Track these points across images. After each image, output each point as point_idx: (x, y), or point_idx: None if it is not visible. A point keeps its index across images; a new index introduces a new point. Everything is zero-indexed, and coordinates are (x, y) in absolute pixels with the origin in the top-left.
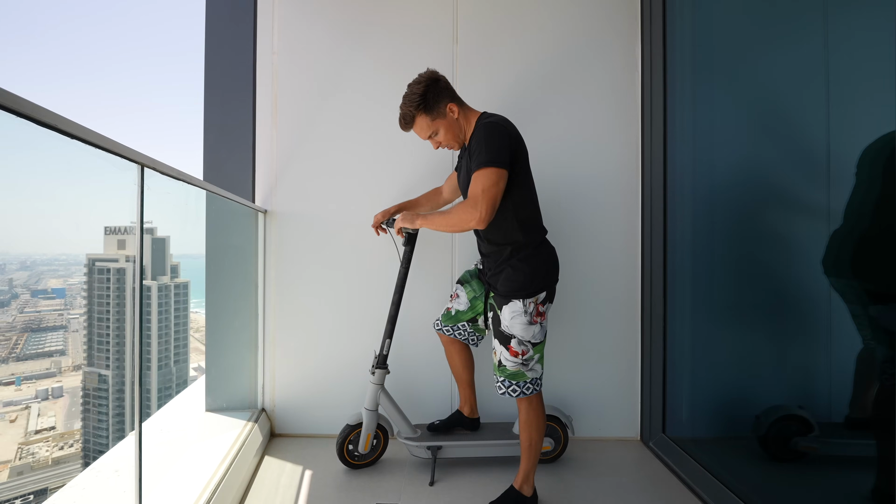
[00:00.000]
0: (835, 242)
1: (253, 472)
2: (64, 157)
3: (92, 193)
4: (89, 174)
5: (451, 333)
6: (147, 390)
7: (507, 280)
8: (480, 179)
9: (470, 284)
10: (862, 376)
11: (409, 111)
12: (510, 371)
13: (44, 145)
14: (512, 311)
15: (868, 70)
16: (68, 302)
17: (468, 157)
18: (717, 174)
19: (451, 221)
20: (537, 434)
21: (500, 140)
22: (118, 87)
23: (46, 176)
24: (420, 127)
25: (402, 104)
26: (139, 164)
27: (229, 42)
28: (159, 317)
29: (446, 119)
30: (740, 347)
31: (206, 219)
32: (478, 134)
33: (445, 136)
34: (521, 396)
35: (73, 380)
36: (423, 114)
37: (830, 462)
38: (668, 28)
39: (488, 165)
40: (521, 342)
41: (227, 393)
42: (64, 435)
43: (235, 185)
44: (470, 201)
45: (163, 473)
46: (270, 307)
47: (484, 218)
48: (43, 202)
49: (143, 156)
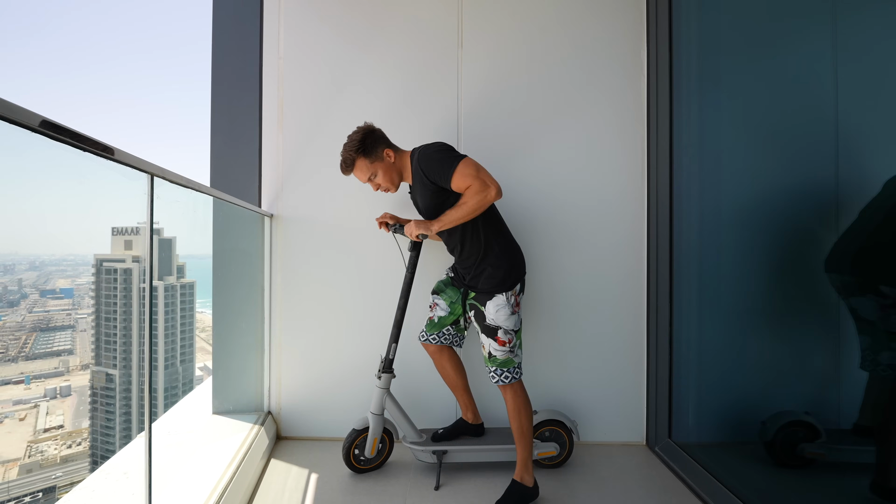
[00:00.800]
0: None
1: (260, 474)
2: (75, 167)
3: (101, 197)
4: (101, 182)
5: (438, 340)
6: (154, 390)
7: (489, 278)
8: (465, 172)
9: (445, 293)
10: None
11: (349, 155)
12: (500, 360)
13: (59, 158)
14: (496, 304)
15: (877, 73)
16: (76, 302)
17: (421, 183)
18: (725, 178)
19: (469, 208)
20: (527, 419)
21: (440, 150)
22: (125, 89)
23: (55, 180)
24: (360, 169)
25: (343, 151)
26: (149, 173)
27: (236, 47)
28: (166, 317)
29: (384, 162)
30: (747, 352)
31: (213, 223)
32: (422, 163)
33: (383, 178)
34: (512, 382)
35: (80, 379)
36: (362, 157)
37: (838, 469)
38: (674, 32)
39: (457, 162)
40: (507, 331)
41: (233, 396)
42: (72, 433)
43: (242, 189)
44: (477, 185)
45: (171, 476)
46: (277, 311)
47: (497, 187)
48: (54, 203)
49: (153, 165)
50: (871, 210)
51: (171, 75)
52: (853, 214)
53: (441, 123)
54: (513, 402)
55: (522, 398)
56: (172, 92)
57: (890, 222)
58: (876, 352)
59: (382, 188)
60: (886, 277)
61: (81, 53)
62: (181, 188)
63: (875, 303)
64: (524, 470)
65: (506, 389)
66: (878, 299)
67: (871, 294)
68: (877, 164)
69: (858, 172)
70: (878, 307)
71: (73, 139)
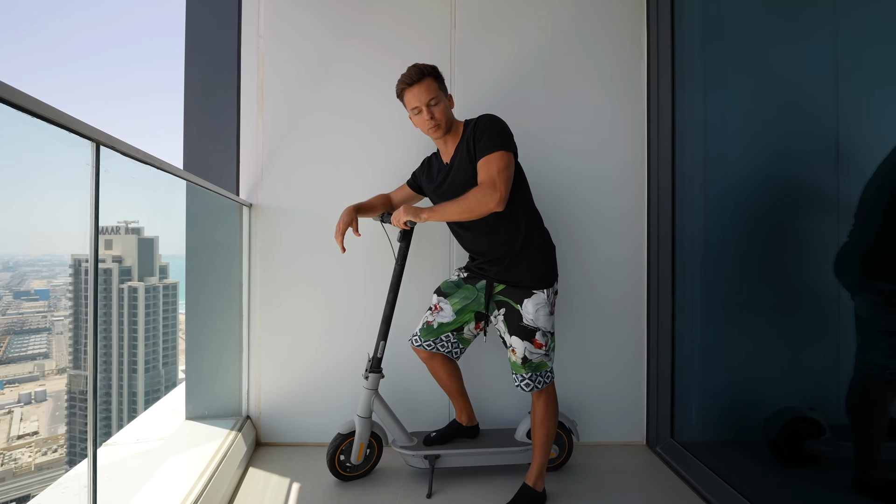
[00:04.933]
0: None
1: (236, 485)
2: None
3: (43, 173)
4: (40, 154)
5: (433, 347)
6: (133, 393)
7: (528, 272)
8: (494, 162)
9: (455, 296)
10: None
11: (423, 68)
12: (536, 363)
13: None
14: (536, 303)
15: (880, 59)
16: (52, 304)
17: (466, 151)
18: (729, 169)
19: (468, 206)
20: (553, 426)
21: (506, 128)
22: (86, 65)
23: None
24: (427, 86)
25: (414, 66)
26: (94, 140)
27: (212, 25)
28: (147, 318)
29: (448, 100)
30: (751, 348)
31: (187, 213)
32: (482, 122)
33: (441, 112)
34: (545, 386)
35: (57, 383)
36: (433, 79)
37: (843, 466)
38: (677, 11)
39: (500, 149)
40: (545, 333)
41: (208, 400)
42: (48, 440)
43: (218, 176)
44: (487, 183)
45: (136, 488)
46: (256, 307)
47: (503, 198)
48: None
49: (99, 131)
50: (869, 208)
51: (139, 50)
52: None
53: None
54: (544, 407)
55: (554, 402)
56: (140, 69)
57: (888, 221)
58: (865, 350)
59: (435, 120)
60: (883, 275)
61: (33, 23)
62: (142, 165)
63: (867, 301)
64: (538, 476)
65: (539, 395)
66: (870, 297)
67: (868, 293)
68: (880, 157)
69: (860, 162)
70: (870, 305)
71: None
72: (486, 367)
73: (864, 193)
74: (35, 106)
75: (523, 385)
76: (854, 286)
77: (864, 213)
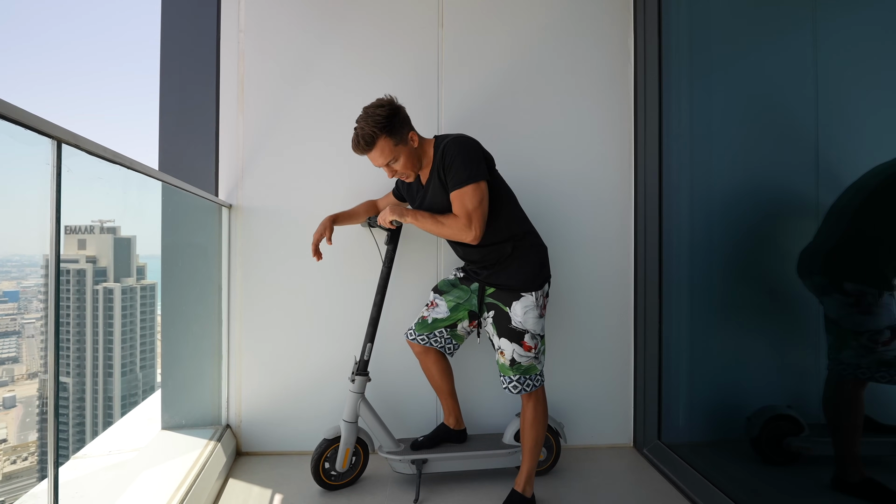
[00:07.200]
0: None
1: (215, 498)
2: None
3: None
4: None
5: (427, 342)
6: (109, 398)
7: (516, 274)
8: (466, 198)
9: (450, 294)
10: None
11: (372, 132)
12: (525, 366)
13: None
14: (525, 305)
15: (857, 63)
16: (23, 306)
17: (438, 179)
18: (714, 173)
19: (447, 231)
20: (542, 430)
21: (473, 152)
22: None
23: None
24: (380, 150)
25: (362, 124)
26: (54, 138)
27: (189, 17)
28: (123, 320)
29: (407, 147)
30: (736, 350)
31: (162, 214)
32: (449, 152)
33: (404, 165)
34: (534, 390)
35: (27, 388)
36: (386, 137)
37: (824, 463)
38: (664, 14)
39: (469, 182)
40: (534, 336)
41: (186, 408)
42: (17, 448)
43: (196, 176)
44: (463, 220)
45: (109, 503)
46: (236, 311)
47: (479, 235)
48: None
49: (60, 128)
50: (837, 212)
51: (111, 45)
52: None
53: (421, 108)
54: (533, 411)
55: (543, 406)
56: (112, 64)
57: (855, 223)
58: (837, 350)
59: (399, 175)
60: (849, 276)
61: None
62: (110, 164)
63: (837, 302)
64: (527, 481)
65: (528, 398)
66: (839, 298)
67: (836, 293)
68: (857, 161)
69: (839, 167)
70: (840, 306)
71: None
72: (474, 372)
73: (840, 197)
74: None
75: (511, 387)
76: (820, 287)
77: (834, 215)
